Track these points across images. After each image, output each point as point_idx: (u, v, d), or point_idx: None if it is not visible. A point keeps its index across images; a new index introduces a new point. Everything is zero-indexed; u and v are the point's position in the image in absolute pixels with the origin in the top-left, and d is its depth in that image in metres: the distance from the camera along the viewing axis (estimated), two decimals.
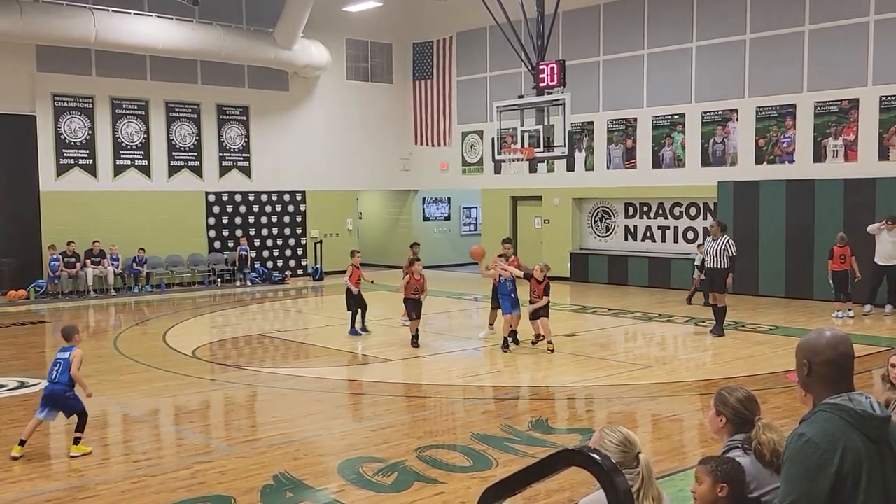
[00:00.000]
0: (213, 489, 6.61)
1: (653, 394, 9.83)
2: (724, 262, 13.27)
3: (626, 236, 21.65)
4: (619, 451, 3.41)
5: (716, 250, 13.39)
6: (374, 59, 25.52)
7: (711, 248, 13.51)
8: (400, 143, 25.89)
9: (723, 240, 13.38)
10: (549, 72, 15.53)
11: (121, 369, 11.60)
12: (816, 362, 2.84)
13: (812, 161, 17.59)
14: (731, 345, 12.82)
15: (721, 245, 13.34)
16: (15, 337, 14.58)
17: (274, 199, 23.76)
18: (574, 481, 6.15)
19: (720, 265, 13.31)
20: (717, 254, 13.35)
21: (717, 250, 13.37)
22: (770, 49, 18.02)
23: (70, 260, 19.76)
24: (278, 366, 12.13)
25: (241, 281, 22.44)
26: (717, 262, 13.35)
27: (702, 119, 19.40)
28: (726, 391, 3.85)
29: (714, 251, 13.42)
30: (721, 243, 13.35)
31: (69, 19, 18.96)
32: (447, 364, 11.93)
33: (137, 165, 21.42)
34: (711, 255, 13.47)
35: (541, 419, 8.72)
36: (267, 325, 16.09)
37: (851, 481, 2.66)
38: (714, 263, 13.40)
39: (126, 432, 8.75)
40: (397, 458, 7.34)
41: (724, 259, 13.28)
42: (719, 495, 3.47)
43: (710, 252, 13.50)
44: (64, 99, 20.33)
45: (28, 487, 6.73)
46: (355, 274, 14.23)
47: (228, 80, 22.62)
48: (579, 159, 21.64)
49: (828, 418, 2.73)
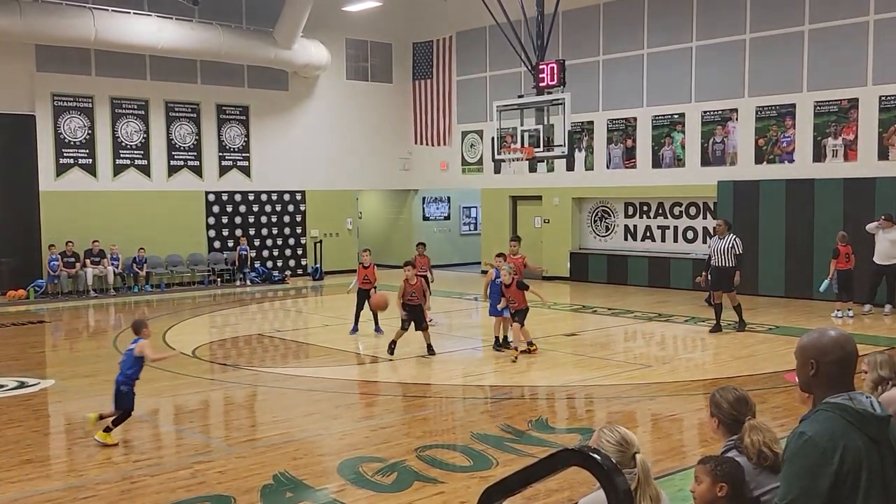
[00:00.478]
0: (212, 489, 6.61)
1: (652, 393, 9.83)
2: (731, 260, 13.44)
3: (625, 236, 21.65)
4: (616, 450, 3.42)
5: (723, 249, 13.52)
6: (374, 59, 25.52)
7: (718, 247, 13.62)
8: (400, 142, 25.89)
9: (729, 238, 13.53)
10: (548, 71, 15.54)
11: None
12: (824, 362, 2.82)
13: (812, 161, 17.59)
14: (730, 344, 12.83)
15: (728, 243, 13.49)
16: (14, 337, 14.58)
17: (274, 199, 23.76)
18: (574, 481, 6.15)
19: (727, 263, 13.45)
20: (724, 252, 13.49)
21: (724, 249, 13.51)
22: (770, 49, 18.02)
23: (69, 260, 19.76)
24: (278, 365, 12.13)
25: (240, 281, 22.43)
26: (724, 261, 13.48)
27: (701, 119, 19.40)
28: (719, 393, 3.86)
29: (721, 249, 13.54)
30: (728, 242, 13.50)
31: (69, 19, 18.96)
32: (447, 363, 11.93)
33: (137, 165, 21.42)
34: (718, 253, 13.59)
35: (541, 419, 8.73)
36: (267, 324, 16.09)
37: (851, 480, 2.66)
38: (721, 262, 13.52)
39: (126, 432, 8.74)
40: (397, 457, 7.34)
41: (732, 257, 13.45)
42: (718, 495, 3.47)
43: (718, 250, 13.62)
44: (63, 98, 20.33)
45: (27, 487, 6.73)
46: (361, 273, 14.20)
47: (228, 80, 22.62)
48: (579, 159, 21.64)
49: (828, 417, 2.73)
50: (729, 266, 13.44)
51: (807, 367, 2.87)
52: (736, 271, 13.44)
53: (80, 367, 11.82)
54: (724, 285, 13.56)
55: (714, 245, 13.79)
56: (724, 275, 13.48)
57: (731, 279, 13.44)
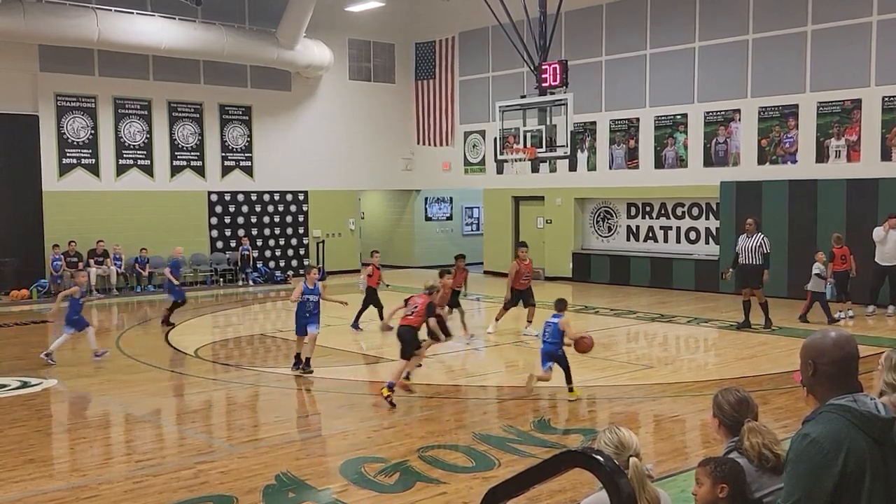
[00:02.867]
0: (215, 489, 6.62)
1: (655, 394, 9.83)
2: (759, 258, 13.85)
3: (628, 236, 21.64)
4: (612, 452, 3.41)
5: (751, 247, 13.91)
6: (377, 59, 25.53)
7: (747, 245, 14.00)
8: (402, 142, 25.90)
9: (758, 237, 13.94)
10: (551, 72, 15.53)
11: (123, 369, 11.61)
12: (822, 362, 2.83)
13: (815, 161, 17.57)
14: (732, 345, 12.83)
15: (756, 242, 13.89)
16: (17, 337, 14.60)
17: (276, 199, 23.77)
18: (576, 481, 6.15)
19: (756, 261, 13.85)
20: (753, 251, 13.90)
21: (752, 247, 13.90)
22: (773, 49, 18.01)
23: (72, 260, 19.77)
24: (280, 365, 12.13)
25: (243, 281, 22.45)
26: (752, 259, 13.89)
27: (704, 119, 19.39)
28: (721, 394, 3.86)
29: (749, 248, 13.93)
30: (756, 240, 13.90)
31: (72, 19, 18.98)
32: (449, 364, 11.93)
33: (140, 165, 21.44)
34: (746, 251, 13.98)
35: (543, 419, 8.72)
36: (269, 324, 16.11)
37: (855, 482, 2.65)
38: (750, 260, 13.93)
39: (128, 432, 8.76)
40: (399, 458, 7.34)
41: (760, 256, 13.86)
42: (719, 496, 3.46)
43: (746, 249, 14.00)
44: (67, 99, 20.35)
45: (30, 487, 6.74)
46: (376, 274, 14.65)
47: (231, 80, 22.64)
48: (581, 159, 21.63)
49: (832, 419, 2.72)
50: (757, 264, 13.83)
51: (807, 367, 2.88)
52: (764, 270, 13.83)
53: (82, 367, 11.82)
54: (753, 283, 13.92)
55: (742, 243, 14.11)
56: (753, 272, 13.88)
57: (760, 277, 13.83)
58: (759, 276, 13.84)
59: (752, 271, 13.88)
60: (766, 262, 13.91)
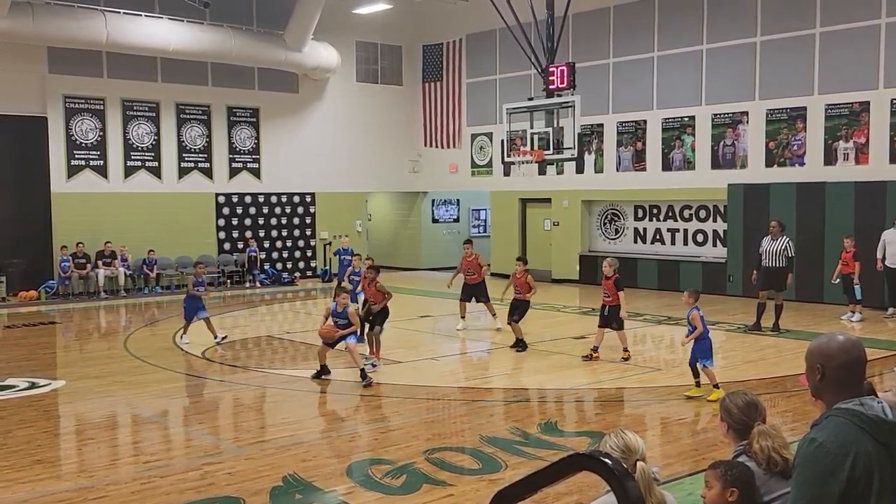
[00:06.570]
0: (222, 490, 6.63)
1: (662, 397, 9.81)
2: (783, 261, 13.81)
3: (635, 239, 21.60)
4: (619, 456, 3.40)
5: (775, 250, 13.87)
6: (384, 61, 25.56)
7: (770, 248, 13.96)
8: (409, 144, 25.92)
9: (782, 240, 13.90)
10: (558, 74, 15.53)
11: (130, 370, 11.64)
12: (830, 367, 2.82)
13: (823, 164, 17.52)
14: (739, 348, 12.79)
15: (781, 245, 13.86)
16: (25, 338, 14.64)
17: (283, 201, 23.81)
18: (583, 484, 6.14)
19: (780, 264, 13.81)
20: (777, 254, 13.86)
21: (776, 250, 13.86)
22: (780, 51, 17.96)
23: (80, 261, 19.83)
24: (287, 367, 12.15)
25: (250, 282, 22.48)
26: (776, 262, 13.84)
27: (712, 121, 19.35)
28: (729, 397, 3.85)
29: (773, 251, 13.89)
30: (781, 243, 13.87)
31: (80, 21, 19.05)
32: (455, 366, 11.93)
33: (148, 167, 21.50)
34: (770, 254, 13.94)
35: (550, 422, 8.71)
36: (276, 326, 16.13)
37: (863, 486, 2.65)
38: (773, 262, 13.88)
39: (135, 433, 8.78)
40: (406, 460, 7.34)
41: (783, 259, 13.82)
42: (729, 500, 3.46)
43: (770, 252, 13.95)
44: (75, 100, 20.42)
45: (38, 487, 6.76)
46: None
47: (238, 82, 22.69)
48: (589, 161, 21.61)
49: (839, 423, 2.71)
50: (780, 267, 13.79)
51: (814, 371, 2.87)
52: (788, 272, 13.80)
53: (90, 367, 11.86)
54: (776, 285, 13.88)
55: (766, 245, 14.07)
56: (776, 275, 13.83)
57: (783, 280, 13.80)
58: (782, 278, 13.81)
59: (776, 274, 13.82)
60: (790, 265, 13.88)
